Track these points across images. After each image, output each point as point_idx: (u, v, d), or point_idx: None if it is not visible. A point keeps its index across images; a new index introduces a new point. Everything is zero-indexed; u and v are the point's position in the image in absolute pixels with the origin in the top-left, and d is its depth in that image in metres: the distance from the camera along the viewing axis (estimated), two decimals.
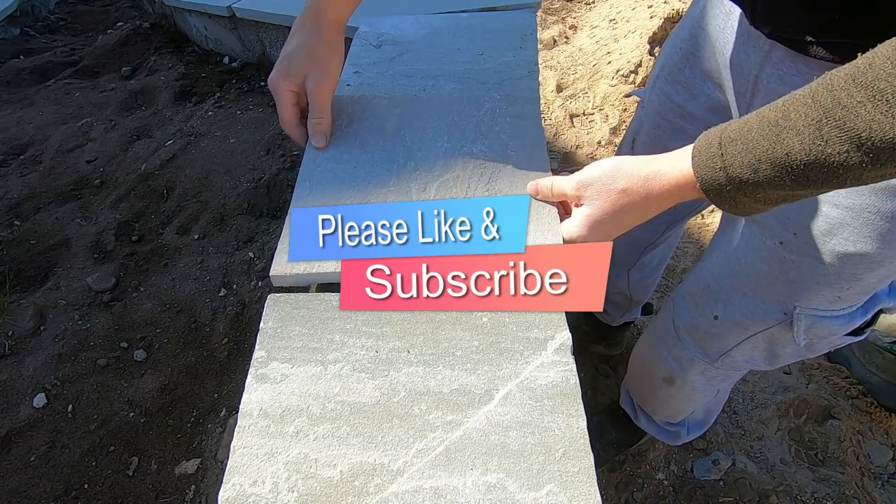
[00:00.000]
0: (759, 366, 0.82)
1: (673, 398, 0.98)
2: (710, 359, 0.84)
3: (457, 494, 0.48)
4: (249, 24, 2.03)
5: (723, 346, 0.81)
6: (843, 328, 0.67)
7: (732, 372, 0.86)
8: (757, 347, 0.77)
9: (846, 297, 0.64)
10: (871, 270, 0.60)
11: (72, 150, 1.92)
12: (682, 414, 1.03)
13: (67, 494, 1.14)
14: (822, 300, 0.66)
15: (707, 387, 0.90)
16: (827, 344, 0.72)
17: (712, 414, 1.05)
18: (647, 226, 0.96)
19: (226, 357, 1.37)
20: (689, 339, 0.86)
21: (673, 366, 0.91)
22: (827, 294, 0.65)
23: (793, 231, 0.63)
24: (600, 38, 2.52)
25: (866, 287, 0.63)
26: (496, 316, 0.62)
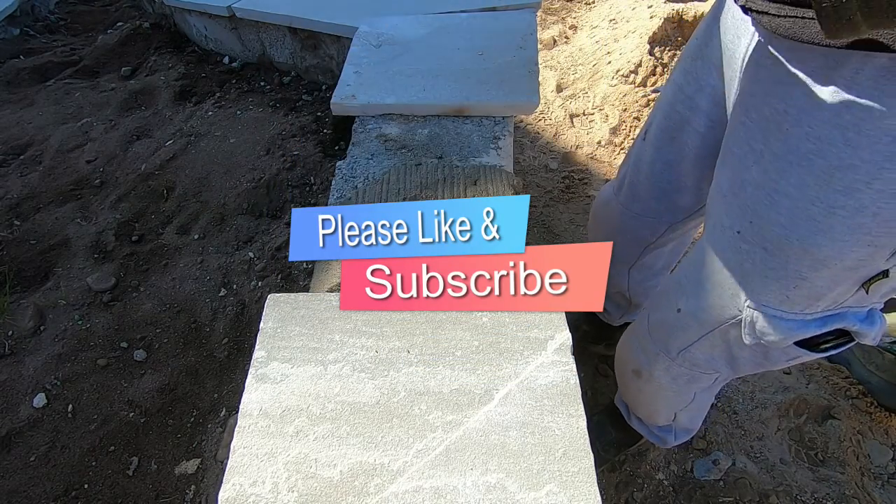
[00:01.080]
0: (721, 369, 0.81)
1: (642, 392, 0.99)
2: (671, 355, 0.84)
3: (457, 494, 0.48)
4: (249, 24, 2.03)
5: (684, 342, 0.80)
6: (790, 333, 0.65)
7: (697, 372, 0.84)
8: (716, 346, 0.77)
9: (794, 298, 0.63)
10: (815, 270, 0.59)
11: (72, 150, 1.92)
12: (657, 414, 1.03)
13: (67, 494, 1.14)
14: (771, 297, 0.65)
15: (673, 385, 0.90)
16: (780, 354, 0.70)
17: (696, 420, 1.05)
18: (648, 222, 0.97)
19: (226, 357, 1.37)
20: (656, 334, 0.86)
21: (641, 358, 0.92)
22: (775, 290, 0.64)
23: (749, 219, 0.63)
24: (600, 38, 2.52)
25: (814, 291, 0.61)
26: (496, 316, 0.62)
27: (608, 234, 1.08)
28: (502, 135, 1.02)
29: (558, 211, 1.90)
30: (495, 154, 0.97)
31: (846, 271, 0.58)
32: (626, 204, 0.99)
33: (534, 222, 1.88)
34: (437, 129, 1.04)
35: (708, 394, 0.95)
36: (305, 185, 1.70)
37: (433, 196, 0.85)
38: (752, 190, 0.61)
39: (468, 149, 0.98)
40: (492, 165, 0.93)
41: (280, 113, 1.93)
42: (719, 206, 0.68)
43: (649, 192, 0.94)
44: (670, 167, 0.88)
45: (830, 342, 0.67)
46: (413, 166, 0.93)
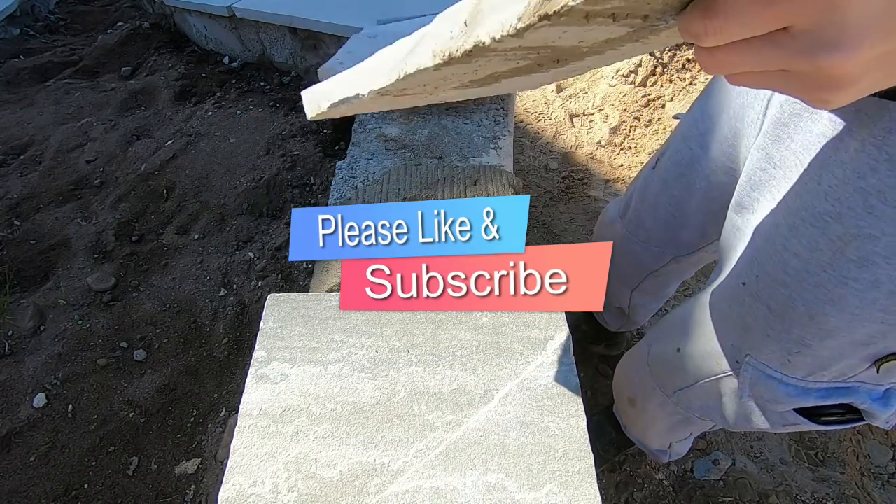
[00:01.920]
0: (716, 419, 0.76)
1: (638, 421, 0.97)
2: (667, 392, 0.80)
3: (457, 494, 0.48)
4: (249, 24, 2.03)
5: (680, 383, 0.76)
6: (789, 398, 0.60)
7: (692, 416, 0.80)
8: (711, 395, 0.72)
9: (796, 363, 0.58)
10: (820, 339, 0.54)
11: (72, 150, 1.92)
12: (650, 441, 1.01)
13: (67, 494, 1.14)
14: (771, 357, 0.59)
15: (667, 421, 0.86)
16: (778, 418, 0.65)
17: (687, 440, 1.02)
18: (653, 251, 0.95)
19: (226, 357, 1.37)
20: (655, 368, 0.83)
21: (637, 390, 0.89)
22: (776, 351, 0.59)
23: (756, 273, 0.58)
24: None
25: (818, 360, 0.56)
26: (496, 316, 0.62)
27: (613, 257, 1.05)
28: (502, 135, 1.02)
29: (558, 211, 1.90)
30: (495, 154, 0.97)
31: (855, 346, 0.53)
32: (631, 229, 0.96)
33: (534, 222, 1.88)
34: (437, 129, 1.04)
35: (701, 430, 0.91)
36: (305, 185, 1.70)
37: (433, 196, 0.85)
38: (761, 242, 0.57)
39: (468, 149, 0.98)
40: (492, 165, 0.93)
41: (280, 113, 1.93)
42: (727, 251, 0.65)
43: (654, 222, 0.91)
44: (676, 203, 0.84)
45: (835, 416, 0.60)
46: (413, 166, 0.93)
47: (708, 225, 0.82)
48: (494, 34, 0.24)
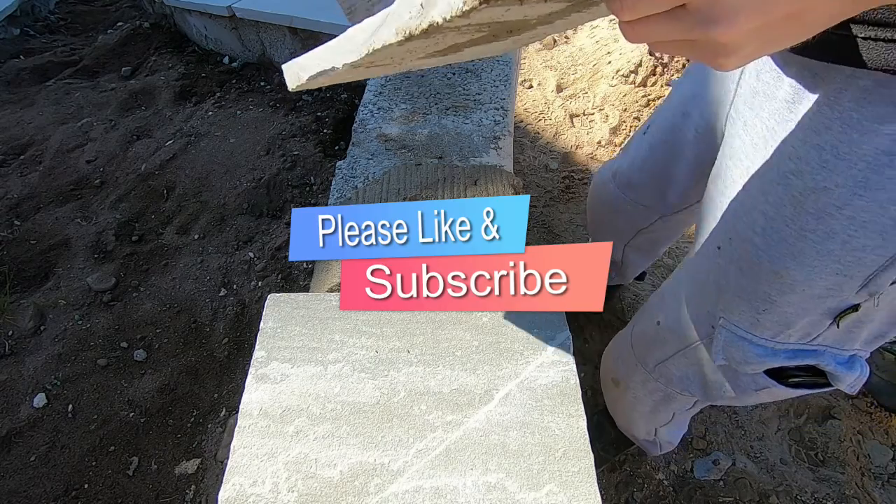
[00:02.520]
0: (694, 390, 0.79)
1: (619, 402, 0.99)
2: (648, 367, 0.83)
3: (457, 494, 0.48)
4: (249, 24, 2.03)
5: (661, 356, 0.79)
6: (759, 359, 0.63)
7: (672, 391, 0.83)
8: (690, 365, 0.75)
9: (764, 322, 0.61)
10: (783, 294, 0.57)
11: (72, 150, 1.92)
12: (634, 427, 1.02)
13: (67, 494, 1.14)
14: (742, 318, 0.63)
15: (648, 400, 0.89)
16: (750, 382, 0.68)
17: (677, 436, 1.04)
18: (642, 210, 1.00)
19: (226, 357, 1.37)
20: (637, 345, 0.86)
21: (620, 368, 0.92)
22: (746, 311, 0.62)
23: (729, 236, 0.62)
24: (600, 38, 2.51)
25: (783, 317, 0.59)
26: (496, 316, 0.62)
27: (605, 213, 1.12)
28: (502, 135, 1.02)
29: (558, 211, 1.90)
30: (495, 154, 0.97)
31: (814, 299, 0.56)
32: (622, 189, 1.02)
33: (534, 222, 1.88)
34: (437, 129, 1.04)
35: (687, 415, 0.93)
36: (305, 185, 1.70)
37: (433, 196, 0.85)
38: (734, 206, 0.61)
39: (468, 149, 0.98)
40: (492, 165, 0.93)
41: (280, 113, 1.93)
42: (705, 220, 0.69)
43: (643, 184, 0.97)
44: (662, 167, 0.90)
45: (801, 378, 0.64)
46: (413, 166, 0.93)
47: (691, 188, 0.88)
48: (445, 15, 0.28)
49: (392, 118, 1.08)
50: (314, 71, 0.42)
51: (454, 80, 1.18)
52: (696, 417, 1.33)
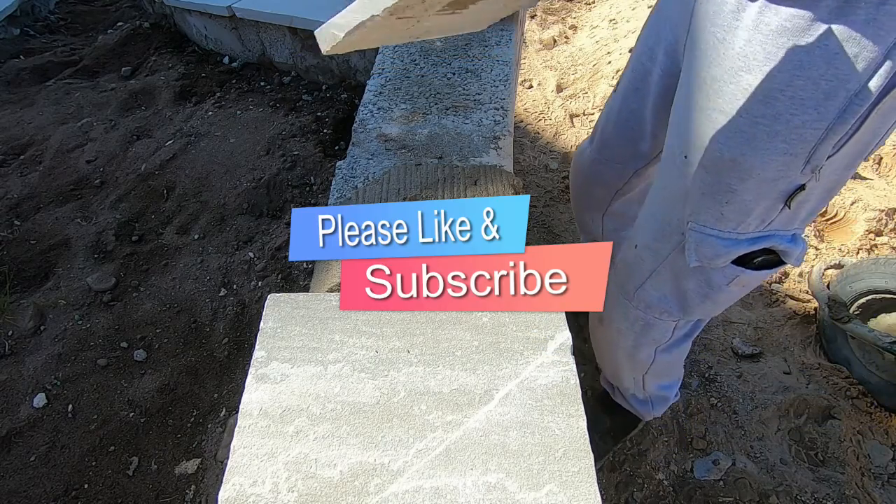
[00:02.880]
0: (672, 308, 0.87)
1: (604, 342, 1.05)
2: (629, 296, 0.91)
3: (457, 494, 0.48)
4: (249, 24, 2.03)
5: (639, 279, 0.88)
6: (726, 250, 0.72)
7: (651, 317, 0.90)
8: (666, 280, 0.84)
9: (727, 214, 0.70)
10: (742, 181, 0.66)
11: (72, 150, 1.92)
12: (621, 372, 1.08)
13: (67, 494, 1.14)
14: (708, 216, 0.72)
15: (630, 332, 0.95)
16: (721, 277, 0.77)
17: (669, 388, 1.11)
18: (616, 168, 1.07)
19: (226, 357, 1.37)
20: (618, 275, 0.93)
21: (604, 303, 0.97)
22: (711, 208, 0.71)
23: (694, 141, 0.70)
24: (600, 38, 2.52)
25: (743, 205, 0.68)
26: (496, 316, 0.62)
27: (583, 181, 1.19)
28: (502, 135, 1.02)
29: (558, 211, 1.90)
30: (495, 154, 0.97)
31: (768, 183, 0.65)
32: (598, 150, 1.09)
33: (534, 222, 1.88)
34: (437, 129, 1.04)
35: (668, 355, 0.99)
36: (305, 185, 1.70)
37: (433, 196, 0.85)
38: (696, 114, 0.68)
39: (468, 149, 0.98)
40: (492, 165, 0.93)
41: (280, 113, 1.93)
42: (671, 138, 0.76)
43: (616, 139, 1.04)
44: (634, 115, 0.97)
45: (760, 258, 0.74)
46: (413, 166, 0.93)
47: (661, 129, 0.94)
48: None
49: (392, 118, 1.08)
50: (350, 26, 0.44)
51: (454, 80, 1.18)
52: (695, 417, 1.33)
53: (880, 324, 1.37)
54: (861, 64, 0.54)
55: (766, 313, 1.59)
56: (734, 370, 1.44)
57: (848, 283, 1.40)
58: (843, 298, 1.39)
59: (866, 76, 0.54)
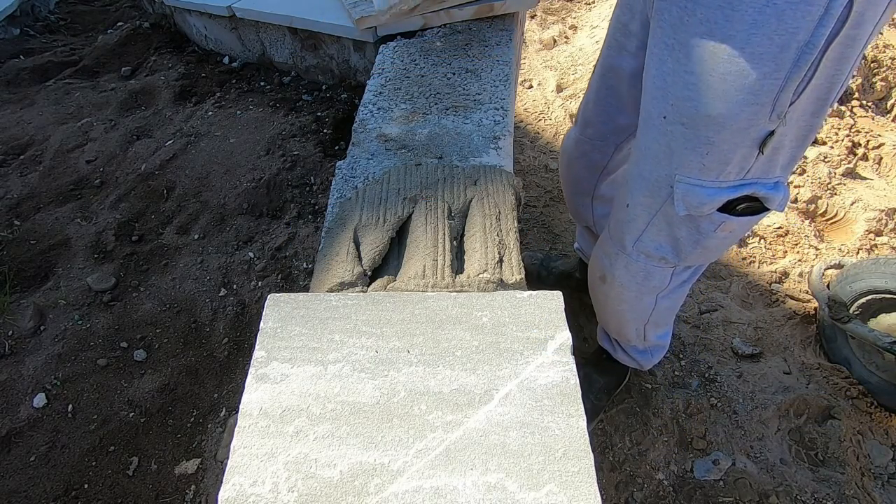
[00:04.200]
0: (668, 255, 0.93)
1: (608, 299, 1.10)
2: (627, 250, 0.97)
3: (457, 494, 0.48)
4: (249, 24, 2.03)
5: (635, 233, 0.93)
6: (710, 198, 0.78)
7: (651, 265, 0.96)
8: (661, 230, 0.89)
9: (709, 164, 0.76)
10: (718, 133, 0.72)
11: (72, 150, 1.92)
12: (626, 327, 1.14)
13: (67, 494, 1.14)
14: (691, 168, 0.78)
15: (632, 284, 1.01)
16: (709, 224, 0.83)
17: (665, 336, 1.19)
18: (599, 145, 1.12)
19: (226, 357, 1.37)
20: (614, 234, 0.99)
21: (605, 262, 1.04)
22: (693, 160, 0.77)
23: (670, 103, 0.75)
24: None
25: (721, 155, 0.74)
26: (496, 316, 0.62)
27: (569, 163, 1.24)
28: (502, 135, 1.02)
29: (558, 211, 1.90)
30: (495, 154, 0.97)
31: (741, 132, 0.71)
32: (581, 130, 1.14)
33: (534, 222, 1.88)
34: (437, 129, 1.04)
35: (668, 301, 1.05)
36: (305, 185, 1.70)
37: (433, 196, 0.85)
38: (670, 78, 0.74)
39: (468, 149, 0.98)
40: (492, 165, 0.93)
41: (280, 113, 1.93)
42: (648, 103, 0.82)
43: (597, 115, 1.09)
44: (612, 90, 1.02)
45: (743, 205, 0.80)
46: (413, 166, 0.93)
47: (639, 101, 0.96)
48: None
49: (392, 118, 1.08)
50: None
51: (454, 80, 1.18)
52: (695, 417, 1.33)
53: (880, 324, 1.37)
54: (806, 18, 0.60)
55: (766, 313, 1.59)
56: (734, 370, 1.44)
57: (848, 283, 1.40)
58: (843, 298, 1.39)
59: (811, 27, 0.61)
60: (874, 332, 1.31)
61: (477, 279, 0.71)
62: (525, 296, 0.65)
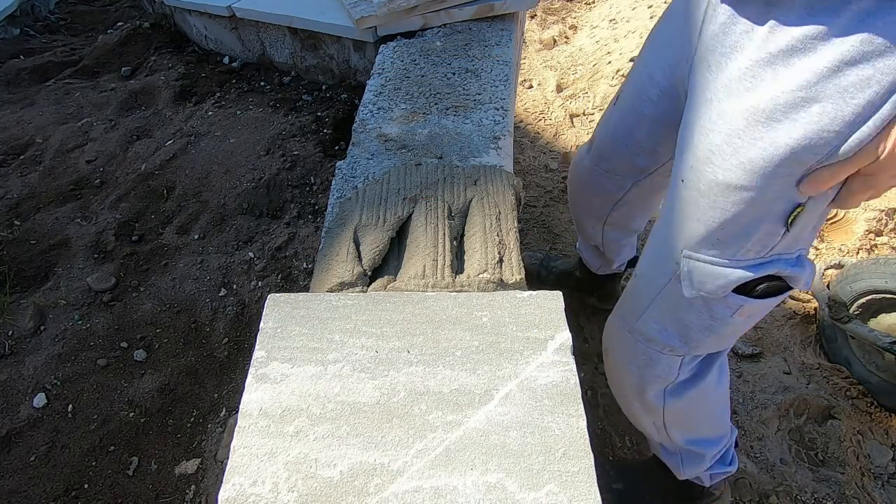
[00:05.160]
0: (674, 342, 0.81)
1: (612, 377, 1.00)
2: (628, 326, 0.86)
3: (457, 494, 0.48)
4: (249, 24, 2.03)
5: (638, 309, 0.84)
6: (724, 278, 0.69)
7: (653, 351, 0.84)
8: (666, 311, 0.79)
9: (724, 239, 0.67)
10: (736, 204, 0.63)
11: (72, 150, 1.92)
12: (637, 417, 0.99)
13: (67, 494, 1.14)
14: (704, 242, 0.69)
15: (633, 367, 0.89)
16: (724, 309, 0.73)
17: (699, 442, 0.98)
18: (615, 179, 1.06)
19: (226, 357, 1.37)
20: (620, 307, 0.91)
21: (608, 331, 0.96)
22: (706, 234, 0.68)
23: (691, 164, 0.68)
24: (600, 38, 2.52)
25: (741, 228, 0.65)
26: (496, 316, 0.62)
27: (581, 188, 1.18)
28: (502, 135, 1.02)
29: (558, 211, 1.90)
30: (495, 154, 0.97)
31: (766, 204, 0.62)
32: (595, 161, 1.07)
33: (534, 222, 1.88)
34: (437, 129, 1.04)
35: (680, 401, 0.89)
36: (305, 185, 1.70)
37: (433, 196, 0.85)
38: (697, 136, 0.67)
39: (468, 149, 0.98)
40: (492, 165, 0.93)
41: (280, 113, 1.93)
42: (676, 163, 0.74)
43: (613, 152, 1.03)
44: (630, 133, 0.96)
45: (764, 285, 0.69)
46: (413, 166, 0.93)
47: (658, 146, 0.94)
48: None
49: (392, 118, 1.08)
50: None
51: (454, 80, 1.18)
52: None
53: (880, 324, 1.37)
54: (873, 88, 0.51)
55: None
56: (734, 370, 1.44)
57: (848, 283, 1.40)
58: (843, 298, 1.39)
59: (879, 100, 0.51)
60: (874, 332, 1.31)
61: (477, 279, 0.71)
62: (525, 296, 0.65)
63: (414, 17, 1.36)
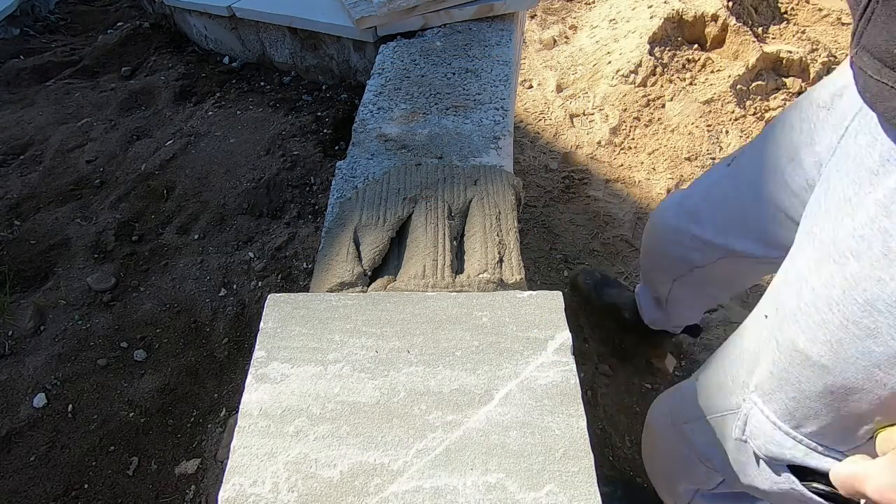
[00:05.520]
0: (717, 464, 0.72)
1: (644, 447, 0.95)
2: (675, 422, 0.79)
3: (457, 494, 0.48)
4: (249, 24, 2.03)
5: (688, 414, 0.74)
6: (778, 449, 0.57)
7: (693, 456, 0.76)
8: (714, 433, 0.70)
9: (792, 410, 0.55)
10: (813, 385, 0.51)
11: (72, 150, 1.92)
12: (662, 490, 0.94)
13: (67, 494, 1.14)
14: (771, 398, 0.58)
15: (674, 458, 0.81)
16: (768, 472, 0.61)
17: None
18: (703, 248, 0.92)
19: (226, 357, 1.37)
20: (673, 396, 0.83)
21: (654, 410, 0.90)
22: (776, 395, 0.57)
23: (776, 306, 0.58)
24: (600, 38, 2.52)
25: (811, 411, 0.53)
26: (496, 316, 0.62)
27: (659, 243, 1.04)
28: (502, 135, 1.02)
29: (558, 211, 1.90)
30: (495, 154, 0.97)
31: (847, 397, 0.49)
32: (686, 222, 0.94)
33: (534, 222, 1.88)
34: (437, 129, 1.04)
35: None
36: (305, 185, 1.70)
37: (433, 196, 0.85)
38: (791, 276, 0.55)
39: (468, 149, 0.98)
40: (492, 165, 0.93)
41: (280, 113, 1.93)
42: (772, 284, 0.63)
43: (712, 221, 0.88)
44: (741, 207, 0.80)
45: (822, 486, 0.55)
46: (413, 166, 0.93)
47: (763, 238, 0.80)
48: None
49: (392, 118, 1.08)
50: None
51: (454, 80, 1.18)
52: None
53: None
54: None
55: None
56: None
57: None
58: None
59: None
60: None
61: (477, 279, 0.71)
62: (525, 296, 0.65)
63: (414, 17, 1.36)
